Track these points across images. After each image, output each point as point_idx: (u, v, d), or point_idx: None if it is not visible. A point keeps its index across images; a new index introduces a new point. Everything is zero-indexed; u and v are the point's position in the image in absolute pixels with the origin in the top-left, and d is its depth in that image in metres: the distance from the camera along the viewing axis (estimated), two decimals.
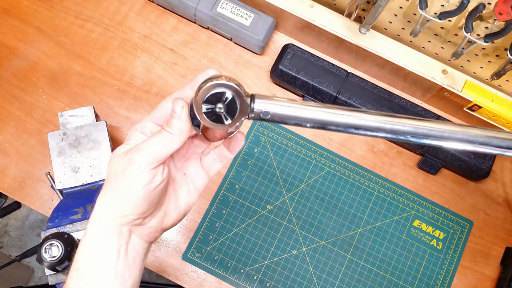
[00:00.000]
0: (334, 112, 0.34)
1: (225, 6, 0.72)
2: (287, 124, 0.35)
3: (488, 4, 0.57)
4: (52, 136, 0.61)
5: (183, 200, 0.40)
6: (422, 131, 0.35)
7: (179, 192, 0.40)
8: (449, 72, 0.69)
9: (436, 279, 0.70)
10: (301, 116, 0.34)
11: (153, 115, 0.38)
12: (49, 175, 0.66)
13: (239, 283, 0.67)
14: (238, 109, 0.34)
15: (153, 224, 0.37)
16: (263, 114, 0.34)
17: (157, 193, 0.35)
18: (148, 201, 0.35)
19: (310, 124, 0.34)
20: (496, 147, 0.35)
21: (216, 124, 0.34)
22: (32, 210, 1.50)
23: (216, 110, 0.34)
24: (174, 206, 0.39)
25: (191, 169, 0.41)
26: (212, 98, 0.33)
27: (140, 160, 0.34)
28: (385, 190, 0.73)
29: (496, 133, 0.35)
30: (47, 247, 0.51)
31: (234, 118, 0.34)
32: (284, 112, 0.34)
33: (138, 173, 0.34)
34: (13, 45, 0.73)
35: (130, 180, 0.34)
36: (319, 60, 0.72)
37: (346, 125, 0.34)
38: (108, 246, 0.35)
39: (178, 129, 0.35)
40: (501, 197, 0.75)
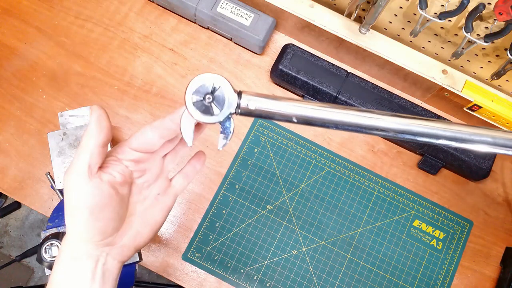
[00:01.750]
0: (318, 108, 0.35)
1: (225, 6, 0.72)
2: (274, 119, 0.36)
3: (488, 4, 0.57)
4: (52, 136, 0.61)
5: (154, 218, 0.40)
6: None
7: (151, 211, 0.40)
8: (449, 72, 0.69)
9: (436, 279, 0.70)
10: (286, 111, 0.35)
11: (131, 142, 0.38)
12: (49, 175, 0.66)
13: (239, 283, 0.67)
14: (226, 100, 0.35)
15: (125, 242, 0.38)
16: (249, 107, 0.35)
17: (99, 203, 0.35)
18: (95, 217, 0.35)
19: (296, 119, 0.36)
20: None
21: (205, 115, 0.35)
22: (32, 210, 1.50)
23: (205, 101, 0.35)
24: (146, 225, 0.39)
25: (161, 187, 0.41)
26: (201, 89, 0.35)
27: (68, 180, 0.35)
28: (385, 190, 0.73)
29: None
30: (47, 247, 0.51)
31: (223, 109, 0.35)
32: (269, 107, 0.35)
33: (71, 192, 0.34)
34: (13, 45, 0.74)
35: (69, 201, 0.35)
36: (319, 60, 0.72)
37: (331, 122, 0.35)
38: (81, 268, 0.35)
39: (90, 133, 0.35)
40: (501, 197, 0.75)
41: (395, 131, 0.35)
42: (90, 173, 0.35)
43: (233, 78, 0.75)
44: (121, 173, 0.38)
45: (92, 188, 0.34)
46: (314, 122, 0.35)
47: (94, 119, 0.35)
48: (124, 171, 0.38)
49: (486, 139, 0.35)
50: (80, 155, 0.35)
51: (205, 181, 0.71)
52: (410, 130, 0.35)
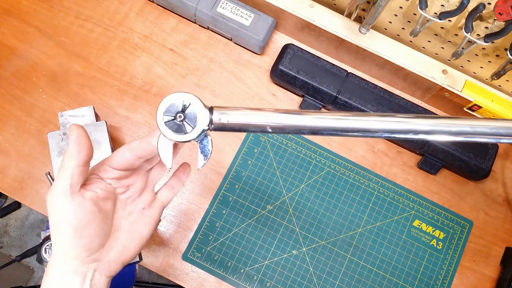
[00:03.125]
0: (289, 116, 0.36)
1: (225, 6, 0.72)
2: (248, 131, 0.36)
3: (488, 4, 0.57)
4: (52, 136, 0.61)
5: (140, 232, 0.40)
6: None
7: (137, 225, 0.41)
8: (449, 72, 0.69)
9: (436, 279, 0.70)
10: (259, 123, 0.36)
11: (111, 161, 0.39)
12: (49, 175, 0.66)
13: (239, 283, 0.67)
14: (197, 117, 0.35)
15: (111, 258, 0.38)
16: (222, 121, 0.35)
17: (83, 220, 0.35)
18: (79, 233, 0.35)
19: (271, 129, 0.36)
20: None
21: (178, 134, 0.35)
22: (32, 210, 1.50)
23: (176, 120, 0.35)
24: (132, 239, 0.40)
25: (146, 201, 0.42)
26: (171, 109, 0.35)
27: (50, 200, 0.35)
28: (385, 190, 0.73)
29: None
30: (47, 247, 0.51)
31: (195, 126, 0.35)
32: (241, 120, 0.36)
33: (54, 211, 0.35)
34: (13, 45, 0.74)
35: (53, 221, 0.35)
36: (319, 60, 0.72)
37: (303, 128, 0.35)
38: (69, 285, 0.36)
39: (71, 153, 0.35)
40: (501, 197, 0.75)
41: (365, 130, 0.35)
42: (72, 191, 0.35)
43: (233, 78, 0.75)
44: (103, 190, 0.38)
45: (74, 207, 0.35)
46: (288, 129, 0.36)
47: (73, 139, 0.35)
48: (106, 188, 0.38)
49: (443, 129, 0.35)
50: (62, 175, 0.35)
51: (205, 181, 0.71)
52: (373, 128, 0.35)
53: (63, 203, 0.35)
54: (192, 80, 0.75)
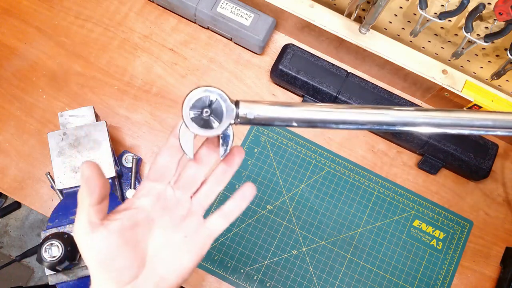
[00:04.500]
0: (316, 110, 0.35)
1: (225, 6, 0.72)
2: (274, 125, 0.36)
3: (488, 4, 0.57)
4: (52, 136, 0.61)
5: (181, 263, 0.37)
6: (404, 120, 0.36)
7: (178, 255, 0.37)
8: (449, 72, 0.69)
9: (436, 279, 0.70)
10: (285, 116, 0.35)
11: (149, 174, 0.38)
12: (49, 175, 0.66)
13: (239, 283, 0.67)
14: (224, 112, 0.35)
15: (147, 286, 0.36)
16: (248, 116, 0.35)
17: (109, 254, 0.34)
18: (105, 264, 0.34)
19: (296, 123, 0.35)
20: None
21: (204, 129, 0.35)
22: (32, 210, 1.50)
23: (203, 115, 0.35)
24: (172, 270, 0.37)
25: (191, 229, 0.38)
26: (197, 104, 0.35)
27: (76, 235, 0.35)
28: (385, 190, 0.73)
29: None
30: (47, 247, 0.51)
31: (222, 121, 0.35)
32: (268, 114, 0.35)
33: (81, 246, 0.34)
34: (13, 45, 0.73)
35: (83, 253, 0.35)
36: (319, 60, 0.72)
37: (329, 121, 0.35)
38: None
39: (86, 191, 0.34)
40: (501, 197, 0.75)
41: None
42: (92, 228, 0.34)
43: (233, 78, 0.75)
44: (132, 218, 0.36)
45: (98, 242, 0.34)
46: (315, 123, 0.35)
47: (84, 180, 0.34)
48: (136, 215, 0.37)
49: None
50: (79, 213, 0.35)
51: None
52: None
53: (85, 239, 0.34)
54: (192, 80, 0.75)
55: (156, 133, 0.72)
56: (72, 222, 0.56)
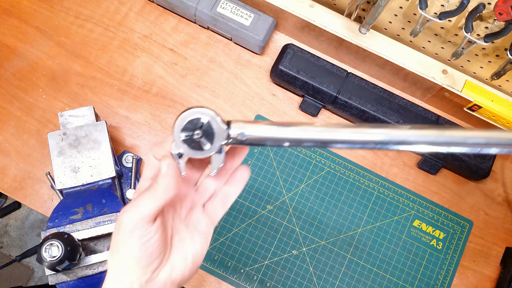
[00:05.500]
0: (309, 130, 0.35)
1: (225, 6, 0.72)
2: (266, 145, 0.36)
3: (488, 4, 0.57)
4: (52, 136, 0.61)
5: (189, 251, 0.39)
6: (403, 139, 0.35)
7: (185, 243, 0.39)
8: (449, 72, 0.69)
9: (436, 279, 0.70)
10: (277, 137, 0.35)
11: (145, 174, 0.39)
12: (49, 175, 0.66)
13: (239, 283, 0.67)
14: (215, 133, 0.35)
15: (162, 278, 0.37)
16: (240, 137, 0.35)
17: (152, 246, 0.35)
18: (146, 255, 0.35)
19: (288, 144, 0.35)
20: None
21: (196, 151, 0.35)
22: (32, 210, 1.50)
23: (194, 137, 0.35)
24: (181, 258, 0.39)
25: (195, 218, 0.40)
26: (189, 126, 0.35)
27: (128, 220, 0.35)
28: (385, 190, 0.73)
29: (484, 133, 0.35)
30: (47, 247, 0.51)
31: (213, 143, 0.35)
32: (260, 135, 0.35)
33: (128, 232, 0.35)
34: (13, 45, 0.73)
35: (123, 240, 0.35)
36: (319, 60, 0.72)
37: (321, 142, 0.35)
38: None
39: (163, 187, 0.35)
40: (501, 197, 0.75)
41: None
42: (153, 219, 0.35)
43: (233, 78, 0.75)
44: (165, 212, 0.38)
45: (149, 233, 0.35)
46: (308, 144, 0.35)
47: (165, 177, 0.35)
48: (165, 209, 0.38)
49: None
50: (143, 204, 0.35)
51: None
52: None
53: (140, 231, 0.35)
54: (192, 80, 0.75)
55: (156, 133, 0.72)
56: (72, 222, 0.57)
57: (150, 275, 0.36)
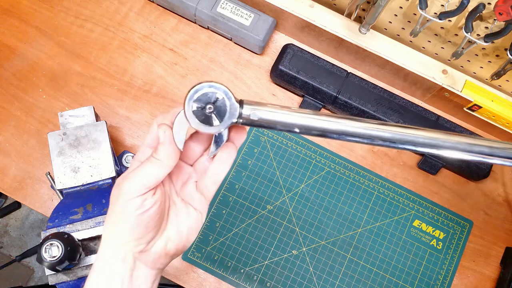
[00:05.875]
0: (320, 118, 0.35)
1: (225, 6, 0.72)
2: (276, 129, 0.36)
3: (488, 4, 0.57)
4: (52, 136, 0.61)
5: (184, 225, 0.39)
6: (408, 138, 0.36)
7: (180, 217, 0.40)
8: (449, 72, 0.69)
9: (436, 279, 0.70)
10: (288, 122, 0.35)
11: (147, 140, 0.38)
12: (49, 175, 0.66)
13: (239, 283, 0.67)
14: (227, 111, 0.34)
15: (157, 249, 0.37)
16: (252, 117, 0.35)
17: (150, 216, 0.35)
18: (143, 225, 0.35)
19: (298, 129, 0.35)
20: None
21: (204, 125, 0.35)
22: (32, 210, 1.50)
23: (205, 110, 0.34)
24: (176, 231, 0.39)
25: (189, 193, 0.41)
26: (202, 98, 0.34)
27: (128, 188, 0.35)
28: (385, 190, 0.73)
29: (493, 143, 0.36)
30: (47, 247, 0.51)
31: (223, 120, 0.34)
32: (271, 117, 0.35)
33: (127, 200, 0.35)
34: (13, 45, 0.73)
35: (120, 207, 0.35)
36: (319, 60, 0.72)
37: (331, 131, 0.35)
38: (112, 275, 0.35)
39: (164, 155, 0.35)
40: (501, 197, 0.75)
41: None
42: (154, 189, 0.35)
43: (233, 78, 0.75)
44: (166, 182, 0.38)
45: (151, 202, 0.35)
46: (316, 132, 0.35)
47: (166, 149, 0.35)
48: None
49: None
50: (142, 174, 0.35)
51: None
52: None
53: (144, 196, 0.35)
54: (192, 80, 0.75)
55: None
56: (72, 222, 0.57)
57: (144, 245, 0.36)
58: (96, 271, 0.36)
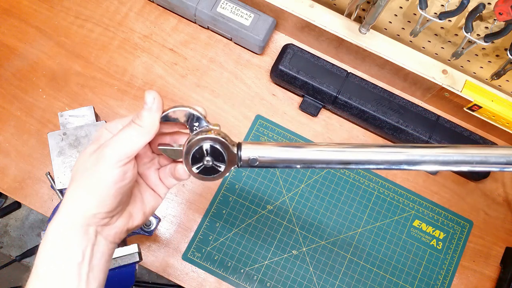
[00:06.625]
0: (323, 150, 0.35)
1: (225, 6, 0.72)
2: (277, 167, 0.35)
3: (488, 4, 0.57)
4: (52, 136, 0.61)
5: (148, 203, 0.40)
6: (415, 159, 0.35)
7: (144, 195, 0.40)
8: (449, 72, 0.69)
9: (436, 279, 0.70)
10: (290, 158, 0.34)
11: (125, 119, 0.38)
12: (49, 175, 0.66)
13: (239, 283, 0.67)
14: (225, 156, 0.35)
15: (119, 224, 0.36)
16: (251, 161, 0.35)
17: (127, 190, 0.35)
18: (118, 198, 0.34)
19: (300, 165, 0.35)
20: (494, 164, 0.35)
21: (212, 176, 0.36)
22: (32, 210, 1.50)
23: (205, 164, 0.35)
24: (139, 208, 0.39)
25: (151, 177, 0.41)
26: (197, 155, 0.35)
27: (110, 156, 0.33)
28: (385, 190, 0.73)
29: (492, 150, 0.35)
30: None
31: (226, 164, 0.35)
32: (272, 156, 0.34)
33: (109, 169, 0.33)
34: (13, 45, 0.73)
35: (101, 177, 0.33)
36: (319, 60, 0.72)
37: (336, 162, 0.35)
38: (72, 248, 0.33)
39: (148, 121, 0.34)
40: (501, 197, 0.75)
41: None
42: (128, 161, 0.34)
43: (233, 78, 0.75)
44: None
45: (131, 174, 0.34)
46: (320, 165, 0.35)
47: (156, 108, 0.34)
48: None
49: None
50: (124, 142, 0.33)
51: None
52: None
53: (116, 165, 0.33)
54: (192, 80, 0.75)
55: None
56: None
57: (108, 220, 0.35)
58: (49, 245, 0.33)
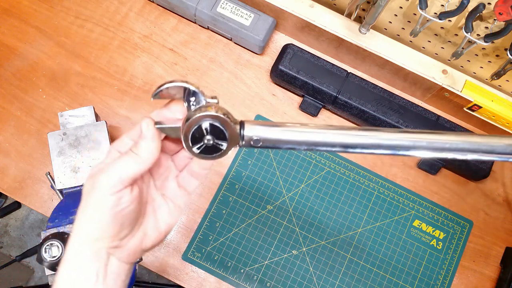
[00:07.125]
0: (328, 132, 0.33)
1: (225, 6, 0.72)
2: (280, 148, 0.34)
3: (488, 4, 0.57)
4: (52, 136, 0.61)
5: (163, 221, 0.38)
6: (419, 144, 0.34)
7: (159, 213, 0.38)
8: (449, 72, 0.69)
9: (436, 279, 0.70)
10: (295, 139, 0.33)
11: (131, 132, 0.37)
12: (49, 175, 0.66)
13: (239, 283, 0.67)
14: (226, 133, 0.33)
15: (131, 246, 0.36)
16: (254, 142, 0.33)
17: (126, 215, 0.34)
18: (118, 223, 0.34)
19: (305, 147, 0.33)
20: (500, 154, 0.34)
21: (214, 154, 0.34)
22: (32, 210, 1.50)
23: (208, 143, 0.33)
24: (154, 227, 0.38)
25: (170, 188, 0.39)
26: (197, 134, 0.33)
27: (103, 182, 0.33)
28: (385, 190, 0.73)
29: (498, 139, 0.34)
30: (47, 247, 0.51)
31: (228, 143, 0.33)
32: (276, 137, 0.33)
33: (102, 196, 0.33)
34: (13, 45, 0.73)
35: (95, 203, 0.33)
36: (319, 60, 0.72)
37: (341, 145, 0.33)
38: (86, 270, 0.34)
39: (144, 150, 0.34)
40: (501, 197, 0.75)
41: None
42: (131, 185, 0.33)
43: (233, 78, 0.75)
44: (144, 177, 0.37)
45: (128, 200, 0.33)
46: (324, 147, 0.34)
47: (150, 136, 0.34)
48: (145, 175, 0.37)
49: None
50: (118, 168, 0.33)
51: (205, 181, 0.71)
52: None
53: (120, 191, 0.33)
54: (192, 80, 0.75)
55: None
56: (72, 222, 0.56)
57: (118, 242, 0.35)
58: (67, 266, 0.34)
